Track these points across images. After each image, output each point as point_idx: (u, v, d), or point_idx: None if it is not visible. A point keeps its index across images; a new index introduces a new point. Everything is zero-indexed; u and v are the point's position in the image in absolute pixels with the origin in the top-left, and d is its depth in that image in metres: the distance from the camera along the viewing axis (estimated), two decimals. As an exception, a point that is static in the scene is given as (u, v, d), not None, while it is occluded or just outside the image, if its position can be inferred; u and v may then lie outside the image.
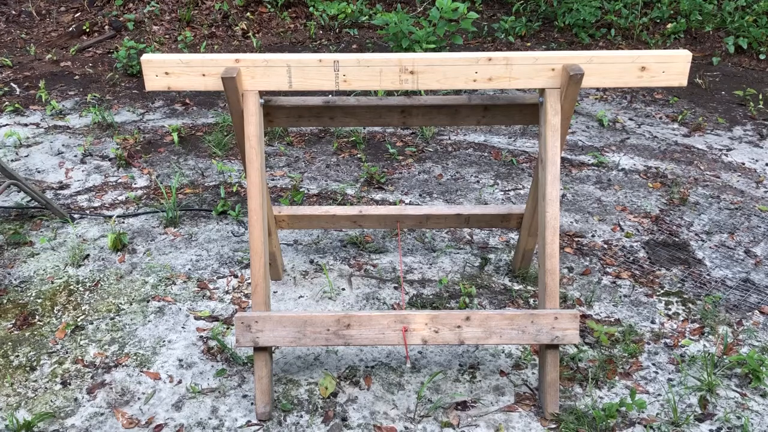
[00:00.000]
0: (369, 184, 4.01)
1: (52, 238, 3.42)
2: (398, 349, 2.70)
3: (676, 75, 2.32)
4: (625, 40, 6.49)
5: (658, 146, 4.58)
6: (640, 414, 2.40)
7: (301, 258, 3.30)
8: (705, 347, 2.74)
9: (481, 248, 3.40)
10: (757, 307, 2.99)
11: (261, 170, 2.32)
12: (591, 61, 2.26)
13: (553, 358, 2.34)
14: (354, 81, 2.24)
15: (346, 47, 6.32)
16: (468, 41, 6.44)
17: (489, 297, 3.02)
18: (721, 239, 3.50)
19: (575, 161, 4.33)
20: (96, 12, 7.04)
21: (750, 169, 4.30)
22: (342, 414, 2.39)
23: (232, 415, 2.39)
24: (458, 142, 4.59)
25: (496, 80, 2.26)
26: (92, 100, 5.19)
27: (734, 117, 5.08)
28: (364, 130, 4.71)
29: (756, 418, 2.40)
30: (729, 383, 2.55)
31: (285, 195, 3.83)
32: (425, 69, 2.24)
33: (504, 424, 2.35)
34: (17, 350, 2.69)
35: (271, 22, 6.86)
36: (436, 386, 2.52)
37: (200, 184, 3.98)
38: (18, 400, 2.46)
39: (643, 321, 2.89)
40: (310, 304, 2.97)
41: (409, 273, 3.19)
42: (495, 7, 7.35)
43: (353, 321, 2.29)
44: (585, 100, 5.36)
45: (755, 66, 6.12)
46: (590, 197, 3.89)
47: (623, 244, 3.44)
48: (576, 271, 3.22)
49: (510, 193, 3.93)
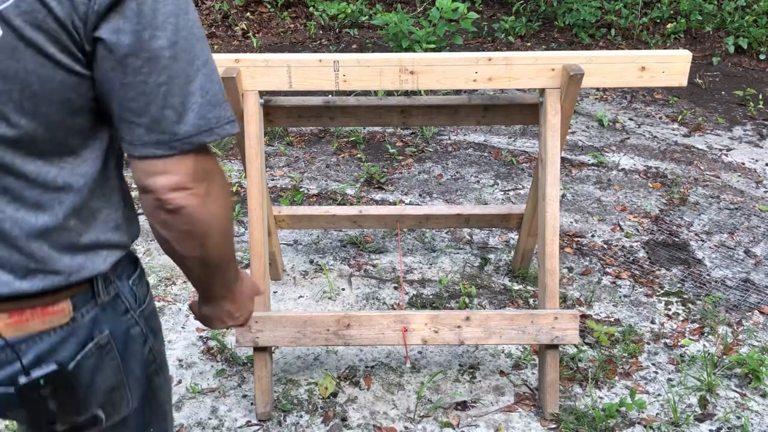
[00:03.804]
0: (369, 184, 4.01)
1: (52, 238, 3.42)
2: (398, 349, 2.70)
3: (676, 75, 2.32)
4: (625, 40, 6.49)
5: (658, 146, 4.58)
6: (640, 414, 2.40)
7: (301, 258, 3.30)
8: (705, 347, 2.74)
9: (481, 248, 3.40)
10: (757, 307, 2.99)
11: (261, 170, 2.32)
12: (591, 61, 2.26)
13: (553, 358, 2.34)
14: (354, 81, 2.24)
15: (346, 47, 6.32)
16: (468, 41, 6.44)
17: (489, 297, 3.02)
18: (721, 239, 3.50)
19: (575, 161, 4.33)
20: (96, 12, 7.04)
21: (750, 169, 4.30)
22: (342, 414, 2.39)
23: (231, 415, 2.39)
24: (458, 142, 4.59)
25: (496, 80, 2.26)
26: (92, 100, 5.19)
27: (734, 117, 5.08)
28: (364, 130, 4.71)
29: (756, 418, 2.40)
30: (729, 383, 2.55)
31: (285, 195, 3.82)
32: (425, 69, 2.24)
33: (504, 424, 2.35)
34: (17, 350, 2.69)
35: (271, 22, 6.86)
36: (436, 386, 2.52)
37: (200, 184, 3.98)
38: (18, 400, 2.46)
39: (643, 321, 2.89)
40: (310, 304, 2.97)
41: (409, 273, 3.19)
42: (495, 7, 7.35)
43: (353, 321, 2.29)
44: (585, 100, 5.36)
45: (755, 66, 6.12)
46: (590, 197, 3.89)
47: (623, 244, 3.44)
48: (576, 271, 3.22)
49: (510, 193, 3.93)
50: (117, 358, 1.10)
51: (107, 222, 1.06)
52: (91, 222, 1.04)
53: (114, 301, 1.09)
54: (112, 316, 1.09)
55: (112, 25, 0.90)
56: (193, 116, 0.95)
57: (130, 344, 1.12)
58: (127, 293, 1.11)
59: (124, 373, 1.12)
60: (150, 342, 1.17)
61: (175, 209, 0.97)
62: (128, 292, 1.12)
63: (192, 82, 0.94)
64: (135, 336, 1.13)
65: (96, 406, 1.10)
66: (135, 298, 1.13)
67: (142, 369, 1.16)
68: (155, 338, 1.19)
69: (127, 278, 1.12)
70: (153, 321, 1.19)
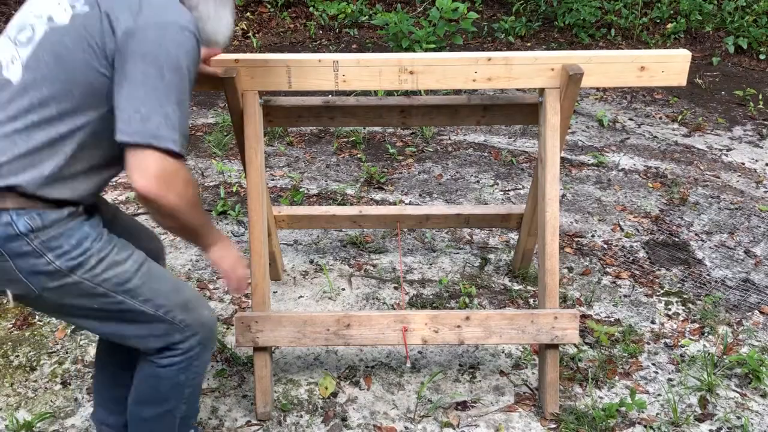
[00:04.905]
0: (369, 184, 4.01)
1: (52, 238, 3.42)
2: (398, 349, 2.70)
3: (675, 75, 2.32)
4: (625, 40, 6.49)
5: (658, 146, 4.59)
6: (640, 414, 2.40)
7: (301, 258, 3.30)
8: (705, 347, 2.74)
9: (481, 248, 3.40)
10: (757, 307, 2.99)
11: (261, 170, 2.32)
12: (590, 60, 2.26)
13: (553, 358, 2.34)
14: (354, 81, 2.24)
15: (346, 47, 6.32)
16: (468, 41, 6.44)
17: (489, 297, 3.02)
18: (721, 239, 3.50)
19: (575, 161, 4.33)
20: (96, 12, 7.04)
21: (750, 169, 4.30)
22: (342, 414, 2.39)
23: (232, 415, 2.39)
24: (458, 142, 4.60)
25: (495, 80, 2.26)
26: (92, 100, 5.19)
27: (734, 117, 5.09)
28: (364, 130, 4.71)
29: (756, 418, 2.40)
30: (729, 383, 2.55)
31: (285, 195, 3.82)
32: (425, 69, 2.24)
33: (504, 424, 2.35)
34: (17, 350, 2.69)
35: (271, 22, 6.86)
36: (436, 386, 2.52)
37: (200, 184, 3.98)
38: (18, 400, 2.46)
39: (643, 321, 2.89)
40: (309, 304, 2.97)
41: (409, 273, 3.19)
42: (495, 7, 7.35)
43: (353, 321, 2.29)
44: (585, 100, 5.36)
45: (755, 66, 6.12)
46: (590, 197, 3.90)
47: (623, 244, 3.44)
48: (576, 271, 3.22)
49: (510, 193, 3.93)
50: (9, 262, 1.58)
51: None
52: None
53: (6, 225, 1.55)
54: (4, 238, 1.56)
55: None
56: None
57: (20, 257, 1.58)
58: (18, 222, 1.55)
59: (18, 272, 1.59)
60: (48, 257, 1.59)
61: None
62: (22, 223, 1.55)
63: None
64: (27, 251, 1.57)
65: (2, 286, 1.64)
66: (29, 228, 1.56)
67: (29, 272, 1.59)
68: (55, 254, 1.60)
69: (26, 214, 1.55)
70: (54, 243, 1.59)
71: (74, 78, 1.53)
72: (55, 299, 1.67)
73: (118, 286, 1.69)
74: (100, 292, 1.67)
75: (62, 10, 1.55)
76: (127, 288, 1.70)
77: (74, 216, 1.63)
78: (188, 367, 1.84)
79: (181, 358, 1.82)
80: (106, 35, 1.51)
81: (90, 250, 1.64)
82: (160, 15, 1.53)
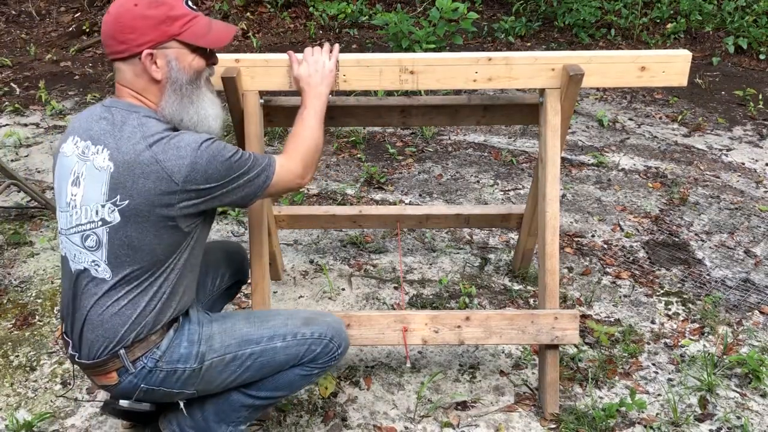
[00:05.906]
0: (369, 184, 4.01)
1: (52, 238, 3.42)
2: (398, 349, 2.70)
3: (675, 75, 2.31)
4: (625, 40, 6.49)
5: (658, 146, 4.59)
6: (640, 414, 2.40)
7: (301, 258, 3.30)
8: (705, 347, 2.74)
9: (481, 248, 3.40)
10: (757, 307, 2.99)
11: (261, 170, 2.31)
12: (591, 61, 2.26)
13: (553, 358, 2.34)
14: (354, 81, 2.24)
15: (346, 47, 6.32)
16: (468, 41, 6.44)
17: (489, 297, 3.02)
18: (721, 239, 3.50)
19: (575, 161, 4.33)
20: (96, 12, 7.05)
21: (750, 169, 4.30)
22: (342, 414, 2.39)
23: (232, 415, 2.39)
24: (458, 142, 4.60)
25: (495, 80, 2.26)
26: (92, 100, 5.19)
27: (734, 117, 5.09)
28: (364, 130, 4.71)
29: (756, 418, 2.40)
30: (729, 383, 2.55)
31: (285, 195, 3.82)
32: (425, 69, 2.24)
33: (504, 424, 2.35)
34: (17, 350, 2.69)
35: (271, 22, 6.86)
36: (436, 386, 2.52)
37: (200, 184, 3.97)
38: (18, 400, 2.46)
39: (643, 321, 2.89)
40: (310, 304, 2.97)
41: (409, 273, 3.19)
42: (495, 7, 7.35)
43: (353, 321, 2.29)
44: (585, 100, 5.36)
45: (755, 66, 6.12)
46: (590, 197, 3.90)
47: (623, 244, 3.44)
48: (576, 271, 3.22)
49: (510, 193, 3.93)
50: (161, 389, 1.88)
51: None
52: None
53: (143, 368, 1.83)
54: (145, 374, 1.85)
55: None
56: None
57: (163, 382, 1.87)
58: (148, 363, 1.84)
59: (173, 391, 1.89)
60: (178, 371, 1.87)
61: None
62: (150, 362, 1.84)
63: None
64: (163, 377, 1.85)
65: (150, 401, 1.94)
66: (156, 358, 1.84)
67: (176, 383, 1.88)
68: (182, 363, 1.88)
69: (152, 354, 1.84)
70: (176, 356, 1.86)
71: (153, 249, 1.75)
72: (209, 388, 1.94)
73: (242, 344, 1.92)
74: (230, 359, 1.91)
75: (108, 212, 1.72)
76: (246, 339, 1.93)
77: (179, 325, 1.88)
78: (324, 370, 2.05)
79: (324, 361, 2.01)
80: (164, 185, 1.71)
81: (201, 339, 1.88)
82: (180, 151, 1.74)
